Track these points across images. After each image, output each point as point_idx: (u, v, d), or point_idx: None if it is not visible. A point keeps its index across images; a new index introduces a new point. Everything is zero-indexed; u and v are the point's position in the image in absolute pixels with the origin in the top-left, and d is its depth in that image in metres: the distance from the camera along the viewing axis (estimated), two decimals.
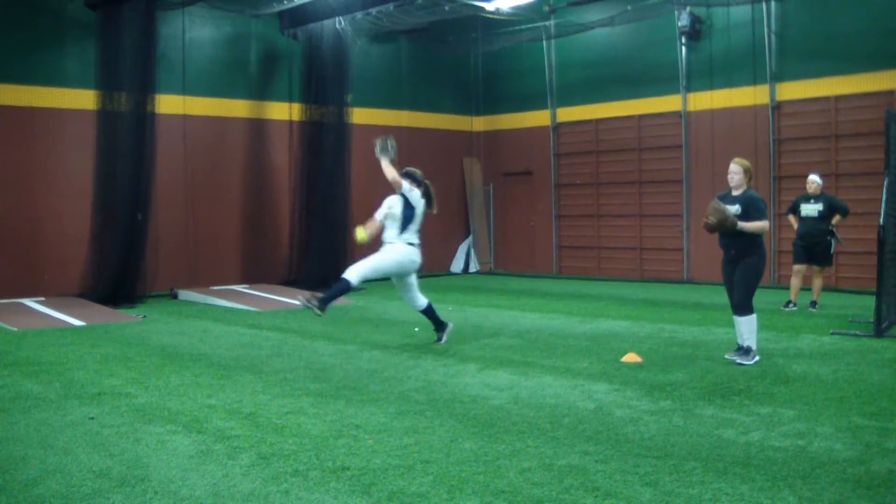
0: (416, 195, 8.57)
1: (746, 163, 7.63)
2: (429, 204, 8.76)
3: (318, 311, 8.25)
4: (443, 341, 8.81)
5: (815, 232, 10.89)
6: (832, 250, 10.95)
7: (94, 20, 13.38)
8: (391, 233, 8.58)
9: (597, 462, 4.62)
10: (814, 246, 10.93)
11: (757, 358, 7.45)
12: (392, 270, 8.61)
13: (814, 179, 11.03)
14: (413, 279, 8.80)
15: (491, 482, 4.31)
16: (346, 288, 8.42)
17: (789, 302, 11.37)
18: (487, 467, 4.56)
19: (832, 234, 10.84)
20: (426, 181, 8.87)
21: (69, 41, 13.73)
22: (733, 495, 4.07)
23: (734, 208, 7.41)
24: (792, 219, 11.35)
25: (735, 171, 7.56)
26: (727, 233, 7.39)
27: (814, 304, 11.20)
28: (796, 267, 11.22)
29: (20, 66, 13.24)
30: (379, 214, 8.67)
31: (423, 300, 8.82)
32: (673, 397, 6.17)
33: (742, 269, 7.41)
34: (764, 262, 7.53)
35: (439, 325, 8.93)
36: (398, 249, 8.53)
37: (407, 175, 8.68)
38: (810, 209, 10.94)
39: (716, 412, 5.71)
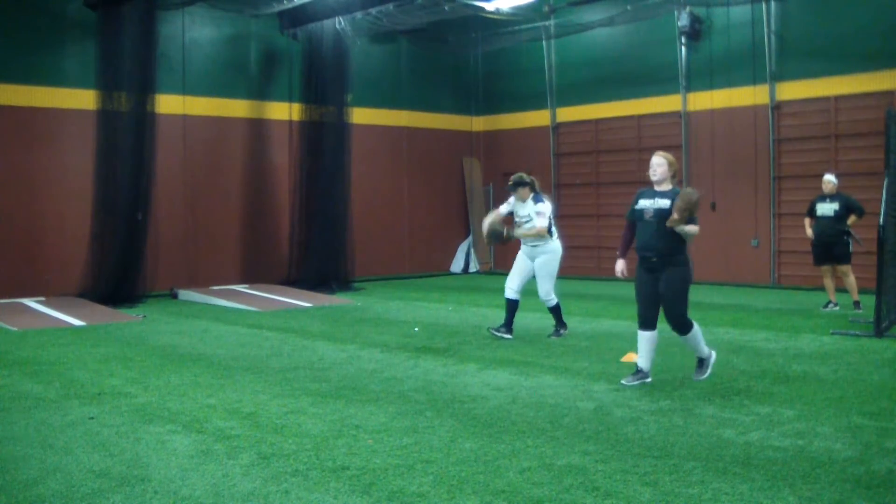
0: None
1: (670, 156, 6.88)
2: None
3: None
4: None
5: (830, 232, 10.68)
6: (851, 248, 10.66)
7: (94, 20, 13.38)
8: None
9: (597, 462, 4.62)
10: (831, 246, 10.71)
11: (713, 358, 6.88)
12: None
13: (829, 179, 10.87)
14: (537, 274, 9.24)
15: (491, 482, 4.31)
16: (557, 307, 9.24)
17: (829, 303, 11.14)
18: (487, 467, 4.56)
19: (849, 234, 10.61)
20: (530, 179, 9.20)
21: (69, 41, 13.73)
22: (733, 495, 4.07)
23: (665, 204, 6.56)
24: (807, 222, 11.12)
25: (659, 164, 6.73)
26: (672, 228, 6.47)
27: (856, 304, 10.86)
28: (822, 269, 11.05)
29: (20, 66, 13.24)
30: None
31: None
32: (673, 397, 6.17)
33: (671, 282, 6.50)
34: (692, 270, 6.73)
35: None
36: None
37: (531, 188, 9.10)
38: (826, 209, 10.77)
39: (716, 412, 5.71)
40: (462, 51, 18.60)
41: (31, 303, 12.54)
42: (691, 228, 6.43)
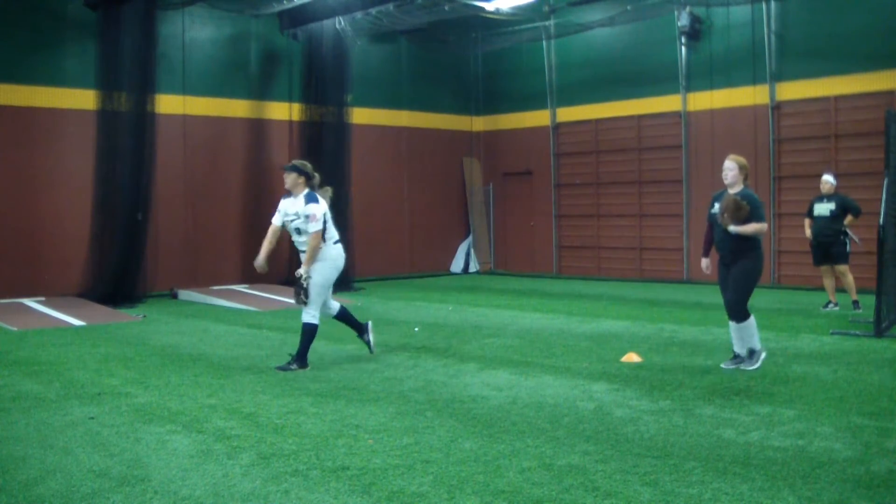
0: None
1: (742, 159, 7.24)
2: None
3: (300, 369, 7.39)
4: (372, 343, 8.05)
5: (827, 231, 10.73)
6: (848, 248, 10.74)
7: (94, 20, 13.38)
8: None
9: (597, 462, 4.62)
10: (828, 246, 10.77)
11: (763, 355, 7.21)
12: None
13: (827, 179, 10.92)
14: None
15: (491, 482, 4.31)
16: (314, 330, 7.55)
17: (829, 303, 11.17)
18: (487, 467, 4.56)
19: (846, 234, 10.67)
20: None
21: (69, 41, 13.73)
22: (733, 495, 4.07)
23: None
24: (806, 222, 11.15)
25: (730, 168, 7.17)
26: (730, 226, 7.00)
27: (855, 303, 10.89)
28: (822, 269, 11.10)
29: (20, 66, 13.24)
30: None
31: (335, 305, 7.95)
32: (673, 397, 6.17)
33: (736, 272, 7.08)
34: (760, 265, 7.16)
35: (359, 329, 8.06)
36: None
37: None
38: (822, 209, 10.82)
39: (716, 412, 5.71)
40: (462, 51, 18.61)
41: (31, 303, 12.53)
42: (745, 228, 6.96)
